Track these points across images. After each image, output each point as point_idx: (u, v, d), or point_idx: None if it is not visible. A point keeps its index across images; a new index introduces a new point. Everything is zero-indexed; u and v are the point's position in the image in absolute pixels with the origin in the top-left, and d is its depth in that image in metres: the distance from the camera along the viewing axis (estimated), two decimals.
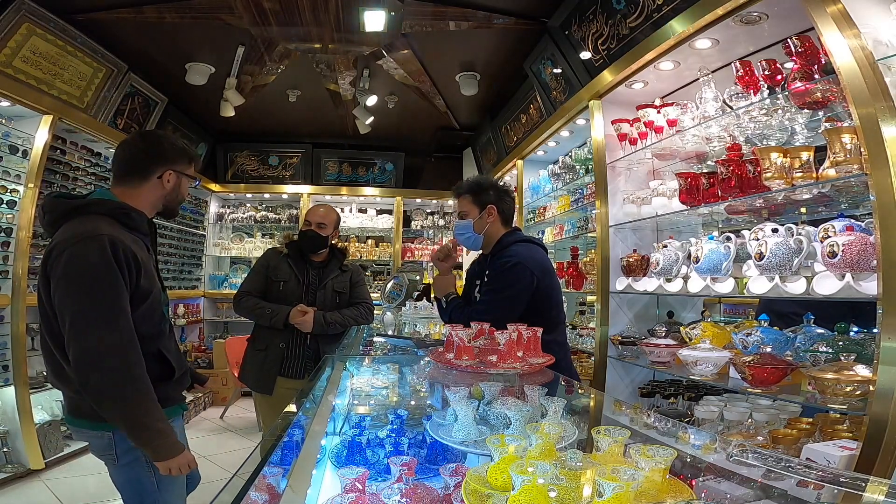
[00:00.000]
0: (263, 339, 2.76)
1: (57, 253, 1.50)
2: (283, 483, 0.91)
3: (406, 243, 7.11)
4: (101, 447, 1.62)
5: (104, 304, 1.48)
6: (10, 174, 3.68)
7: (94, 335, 1.46)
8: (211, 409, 5.66)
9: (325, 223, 2.79)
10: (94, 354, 1.45)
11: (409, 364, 2.16)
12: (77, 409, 1.61)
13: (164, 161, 1.69)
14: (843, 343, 1.88)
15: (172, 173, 1.71)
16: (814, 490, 0.88)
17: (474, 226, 2.34)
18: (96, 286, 1.48)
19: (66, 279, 1.48)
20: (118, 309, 1.50)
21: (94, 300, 1.47)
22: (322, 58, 4.56)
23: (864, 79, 1.66)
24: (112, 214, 1.59)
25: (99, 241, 1.49)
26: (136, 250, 1.57)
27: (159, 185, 1.70)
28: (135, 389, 1.49)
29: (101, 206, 1.60)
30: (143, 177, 1.68)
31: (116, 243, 1.52)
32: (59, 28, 3.63)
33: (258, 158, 6.93)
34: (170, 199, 1.75)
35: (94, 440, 1.63)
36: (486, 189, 2.37)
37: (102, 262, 1.48)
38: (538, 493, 0.71)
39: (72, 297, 1.47)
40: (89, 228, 1.52)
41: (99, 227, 1.53)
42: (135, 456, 1.59)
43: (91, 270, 1.48)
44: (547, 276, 2.24)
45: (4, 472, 3.45)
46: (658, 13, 2.66)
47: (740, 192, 2.26)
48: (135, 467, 1.61)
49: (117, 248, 1.51)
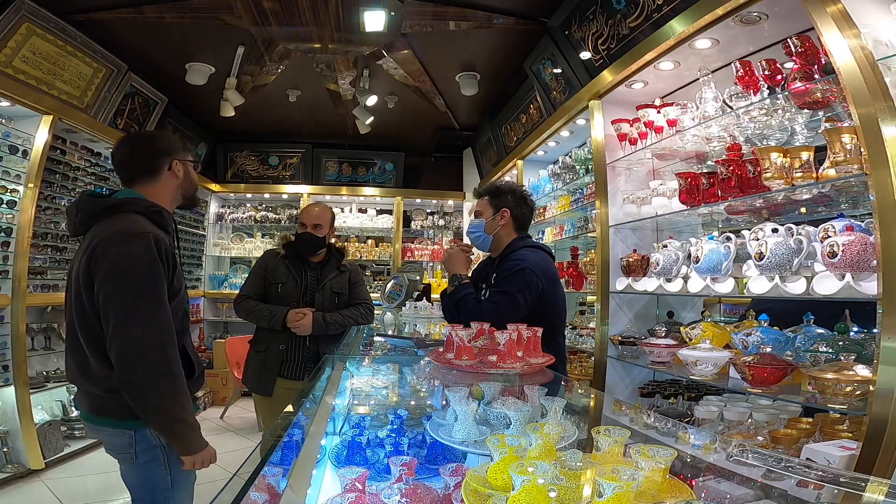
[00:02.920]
0: (264, 340, 2.76)
1: (102, 250, 1.52)
2: (283, 483, 0.91)
3: (406, 243, 7.11)
4: (120, 445, 1.63)
5: (149, 300, 1.51)
6: (10, 174, 3.68)
7: (138, 330, 1.49)
8: (211, 409, 5.66)
9: (320, 223, 2.77)
10: (138, 349, 1.48)
11: (409, 364, 2.15)
12: (101, 408, 1.62)
13: (166, 153, 1.72)
14: (843, 343, 1.88)
15: (178, 162, 1.74)
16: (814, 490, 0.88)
17: (486, 226, 2.36)
18: (143, 282, 1.51)
19: (113, 275, 1.50)
20: (162, 305, 1.54)
21: (140, 296, 1.50)
22: (322, 58, 4.56)
23: (864, 79, 1.66)
24: (146, 213, 1.62)
25: (145, 238, 1.53)
26: (173, 249, 1.62)
27: (172, 177, 1.73)
28: (174, 384, 1.53)
29: (135, 204, 1.63)
30: (153, 174, 1.70)
31: (160, 241, 1.56)
32: (59, 28, 3.63)
33: (258, 158, 6.93)
34: (186, 188, 1.78)
35: (115, 438, 1.64)
36: (504, 193, 2.39)
37: (149, 258, 1.52)
38: (538, 493, 0.71)
39: (119, 293, 1.50)
40: (132, 226, 1.56)
41: (142, 225, 1.56)
42: (153, 455, 1.61)
43: (138, 266, 1.51)
44: (551, 286, 2.25)
45: (4, 472, 3.45)
46: (658, 13, 2.66)
47: (740, 192, 2.26)
48: (152, 466, 1.62)
49: (161, 245, 1.55)
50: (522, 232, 2.42)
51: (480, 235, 2.38)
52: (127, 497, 1.69)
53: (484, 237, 2.38)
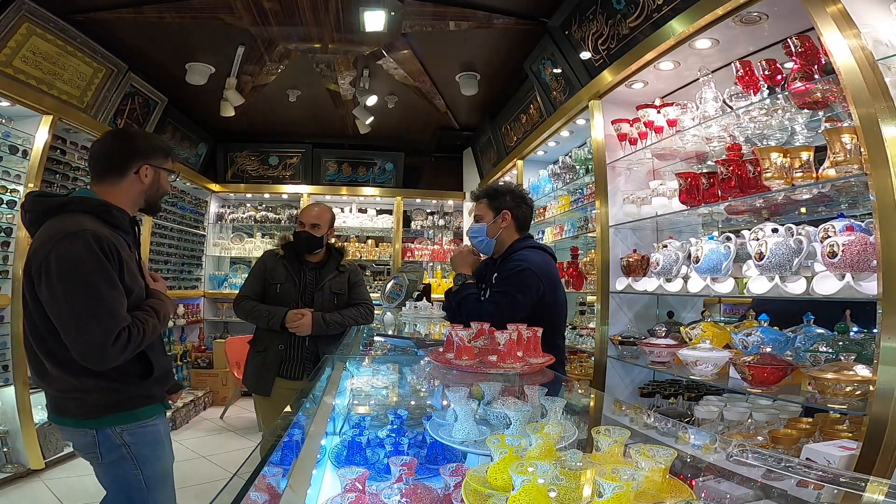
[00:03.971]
0: (263, 340, 2.76)
1: (42, 253, 1.50)
2: (283, 483, 0.91)
3: (406, 243, 7.11)
4: (84, 445, 1.63)
5: (98, 297, 1.49)
6: (10, 174, 3.68)
7: (95, 328, 1.47)
8: (211, 409, 5.66)
9: (319, 223, 2.76)
10: (100, 347, 1.47)
11: (409, 364, 2.15)
12: (61, 409, 1.62)
13: (139, 156, 1.71)
14: (843, 343, 1.88)
15: (149, 167, 1.73)
16: (814, 490, 0.88)
17: (488, 230, 2.35)
18: (87, 280, 1.49)
19: (54, 278, 1.48)
20: (114, 297, 1.53)
21: (87, 295, 1.48)
22: (322, 58, 4.56)
23: (864, 79, 1.66)
24: (94, 212, 1.60)
25: (83, 237, 1.50)
26: (118, 247, 1.59)
27: (137, 181, 1.71)
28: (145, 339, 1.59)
29: (82, 203, 1.61)
30: (120, 173, 1.69)
31: (100, 237, 1.53)
32: (59, 28, 3.63)
33: (258, 158, 6.93)
34: (150, 193, 1.76)
35: (79, 438, 1.64)
36: (502, 194, 2.38)
37: (90, 255, 1.50)
38: (538, 493, 0.71)
39: (65, 295, 1.48)
40: (71, 225, 1.53)
41: (81, 223, 1.54)
42: (119, 454, 1.61)
43: (79, 266, 1.48)
44: (552, 287, 2.24)
45: (4, 472, 3.45)
46: (658, 13, 2.66)
47: (740, 192, 2.26)
48: (121, 465, 1.62)
49: (101, 241, 1.52)
50: (524, 232, 2.41)
51: (483, 239, 2.38)
52: None
53: (487, 241, 2.37)
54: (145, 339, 1.58)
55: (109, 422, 1.59)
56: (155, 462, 1.68)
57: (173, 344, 5.77)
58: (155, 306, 1.67)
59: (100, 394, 1.58)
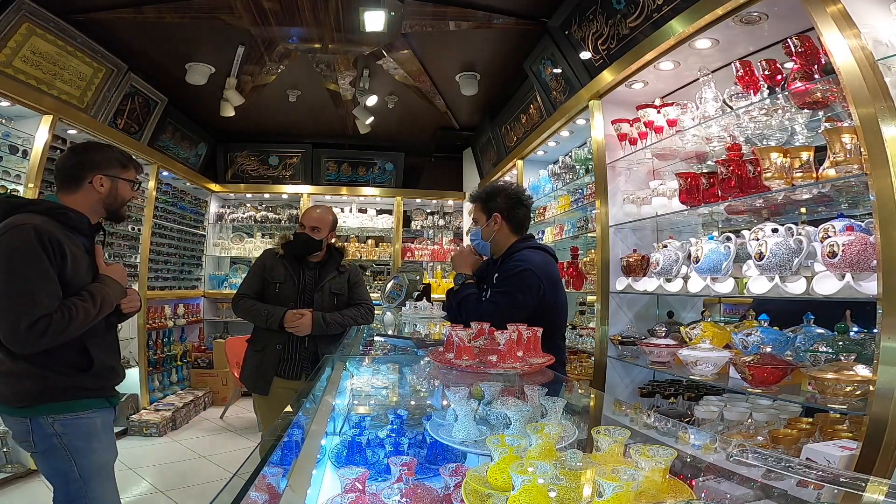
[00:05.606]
0: (261, 339, 2.76)
1: None
2: (283, 483, 0.91)
3: (406, 243, 7.11)
4: (19, 433, 1.70)
5: (23, 284, 1.57)
6: (10, 174, 3.68)
7: (13, 313, 1.55)
8: (211, 409, 5.66)
9: (319, 226, 2.76)
10: (15, 330, 1.55)
11: (409, 364, 2.15)
12: None
13: (92, 167, 1.83)
14: (843, 343, 1.88)
15: (104, 178, 1.83)
16: (814, 490, 0.88)
17: (482, 233, 2.39)
18: (17, 269, 1.58)
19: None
20: (43, 286, 1.59)
21: (13, 281, 1.57)
22: (322, 58, 4.56)
23: (864, 79, 1.66)
24: (49, 213, 1.71)
25: (24, 229, 1.60)
26: (65, 243, 1.67)
27: (92, 190, 1.83)
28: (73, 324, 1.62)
29: (39, 205, 1.74)
30: (76, 184, 1.81)
31: (42, 232, 1.62)
32: (59, 28, 3.63)
33: (258, 158, 6.93)
34: (108, 202, 1.87)
35: (13, 426, 1.71)
36: (493, 197, 2.39)
37: (24, 245, 1.59)
38: (538, 493, 0.71)
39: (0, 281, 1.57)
40: (19, 220, 1.63)
41: (30, 219, 1.64)
42: (50, 444, 1.66)
43: (13, 254, 1.58)
44: (552, 287, 2.25)
45: (4, 472, 3.44)
46: (658, 13, 2.66)
47: (740, 192, 2.26)
48: (54, 455, 1.68)
49: (42, 235, 1.61)
50: (522, 233, 2.41)
51: (480, 242, 2.42)
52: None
53: (483, 243, 2.41)
54: (73, 324, 1.62)
55: (42, 411, 1.66)
56: (90, 454, 1.73)
57: (173, 344, 5.77)
58: (92, 290, 1.72)
59: (32, 380, 1.64)
